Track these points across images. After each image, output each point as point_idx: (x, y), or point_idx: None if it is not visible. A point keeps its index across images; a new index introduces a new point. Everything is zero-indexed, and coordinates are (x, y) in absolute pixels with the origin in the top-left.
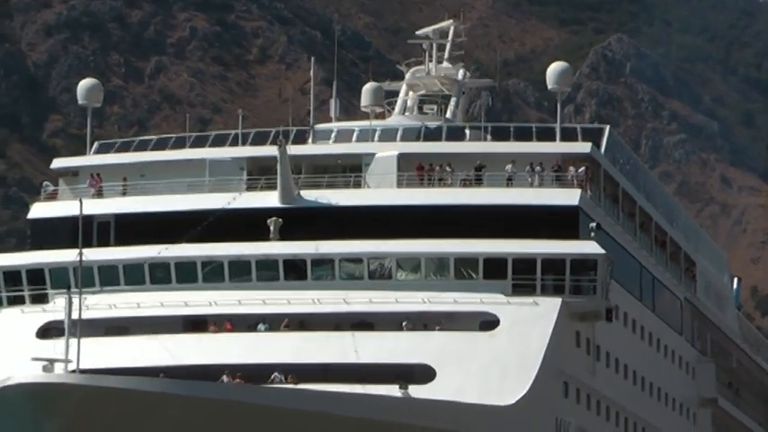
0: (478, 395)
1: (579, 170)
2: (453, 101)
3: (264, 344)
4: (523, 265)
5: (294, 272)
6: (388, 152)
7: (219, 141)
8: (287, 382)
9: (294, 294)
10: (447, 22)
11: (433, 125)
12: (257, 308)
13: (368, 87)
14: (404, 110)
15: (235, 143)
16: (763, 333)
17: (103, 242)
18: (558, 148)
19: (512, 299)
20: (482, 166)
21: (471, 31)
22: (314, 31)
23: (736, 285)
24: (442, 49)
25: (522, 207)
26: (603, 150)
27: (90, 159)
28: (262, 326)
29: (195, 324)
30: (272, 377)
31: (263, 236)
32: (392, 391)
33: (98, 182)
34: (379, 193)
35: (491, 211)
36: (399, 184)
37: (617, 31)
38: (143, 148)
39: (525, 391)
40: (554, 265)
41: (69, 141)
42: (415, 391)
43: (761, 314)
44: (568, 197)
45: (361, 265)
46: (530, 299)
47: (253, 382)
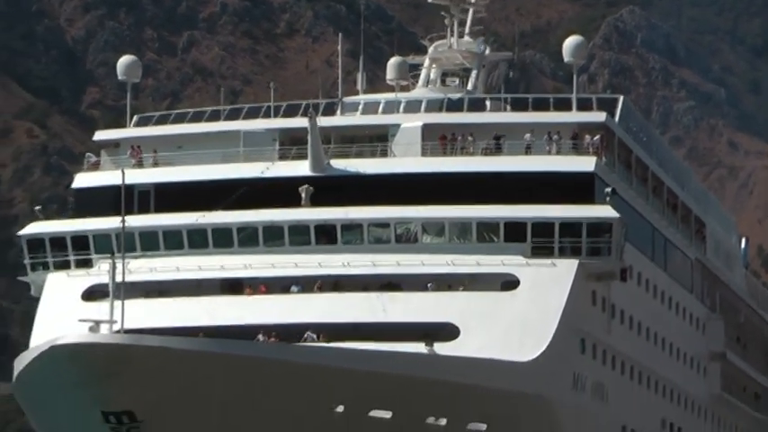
0: (500, 352)
1: (594, 138)
2: (474, 74)
3: (297, 305)
4: (542, 228)
5: (325, 236)
6: (412, 123)
7: (253, 114)
8: (319, 340)
9: (325, 258)
10: None
11: (455, 97)
12: (290, 271)
13: (393, 62)
14: (427, 82)
15: (267, 115)
16: None
17: (144, 210)
18: (575, 117)
19: (531, 260)
20: (500, 136)
21: (490, 6)
22: (339, 6)
23: (743, 245)
24: (462, 24)
25: (541, 174)
26: (617, 119)
27: (130, 132)
28: (294, 288)
29: (231, 286)
30: (304, 336)
31: (294, 203)
32: (418, 348)
33: (138, 153)
34: (405, 161)
35: (511, 177)
36: (423, 153)
37: (629, 3)
38: (180, 120)
39: (544, 348)
40: (571, 228)
41: (106, 112)
42: (440, 348)
43: (766, 271)
44: (584, 164)
45: (389, 229)
46: (548, 260)
47: (286, 341)
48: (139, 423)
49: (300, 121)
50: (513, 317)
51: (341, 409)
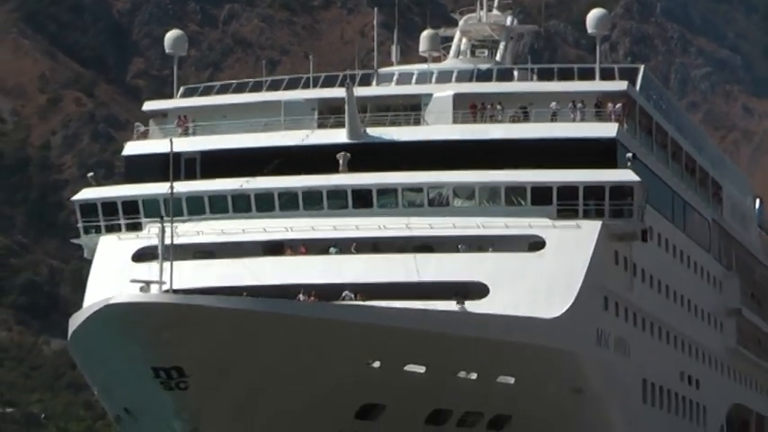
0: (527, 309)
1: (617, 106)
2: (502, 45)
3: (335, 265)
4: (567, 192)
5: (361, 201)
6: (444, 92)
7: (293, 85)
8: (356, 299)
9: (361, 221)
10: None
11: (484, 67)
12: (328, 233)
13: (425, 34)
14: (458, 54)
15: (306, 86)
16: None
17: (190, 176)
18: (598, 86)
19: (557, 222)
20: (526, 106)
21: None
22: None
23: (758, 206)
24: None
25: (566, 140)
26: (639, 88)
27: (177, 102)
28: (333, 249)
29: (273, 248)
30: (342, 295)
31: (332, 169)
32: (450, 306)
33: (184, 122)
34: (437, 129)
35: (537, 144)
36: (455, 121)
37: None
38: (224, 91)
39: (569, 305)
40: (595, 191)
41: (151, 82)
42: (471, 306)
43: None
44: (607, 130)
45: (422, 193)
46: (573, 222)
47: (325, 299)
48: (187, 378)
49: (338, 92)
50: (540, 276)
51: (377, 364)
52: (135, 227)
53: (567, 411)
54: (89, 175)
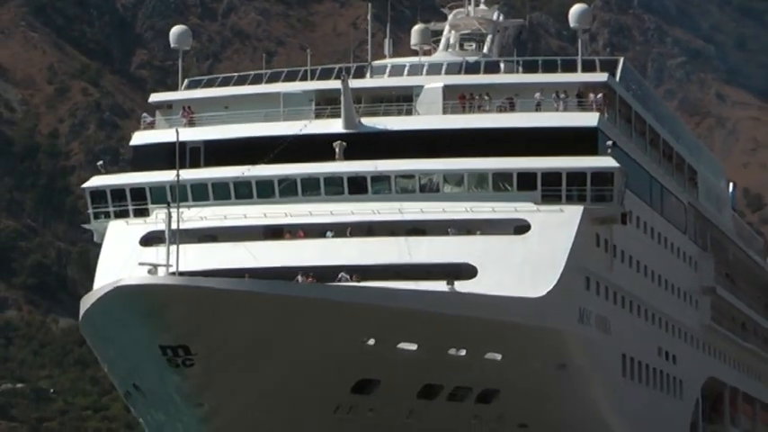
0: (514, 289)
1: (597, 96)
2: (489, 38)
3: (332, 248)
4: (551, 178)
5: (356, 187)
6: (434, 84)
7: (291, 77)
8: (352, 280)
9: (357, 206)
10: None
11: (472, 60)
12: (325, 218)
13: (416, 28)
14: (447, 47)
15: (304, 78)
16: (754, 228)
17: (195, 164)
18: (580, 78)
19: (541, 207)
20: (512, 96)
21: None
22: None
23: (731, 189)
24: None
25: (549, 129)
26: (618, 79)
27: (182, 94)
28: (329, 233)
29: (273, 232)
30: (338, 276)
31: (329, 157)
32: (441, 286)
33: (189, 113)
34: (428, 119)
35: (523, 132)
36: (445, 111)
37: None
38: (226, 84)
39: (553, 285)
40: (577, 177)
41: (154, 72)
42: (460, 286)
43: (752, 211)
44: (588, 119)
45: (414, 180)
46: (556, 206)
47: (322, 281)
48: (193, 356)
49: (334, 84)
50: (525, 257)
51: (372, 342)
52: (142, 212)
53: (552, 386)
54: (98, 163)
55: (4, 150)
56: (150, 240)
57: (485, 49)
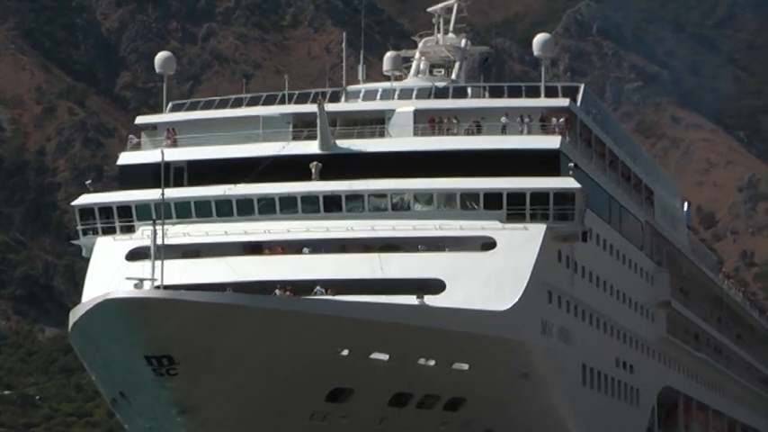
0: (480, 302)
1: (560, 120)
2: (457, 65)
3: (309, 264)
4: (516, 197)
5: (331, 205)
6: (406, 108)
7: (270, 101)
8: (327, 294)
9: (332, 224)
10: (451, 1)
11: (441, 85)
12: (302, 234)
13: (389, 56)
14: (417, 72)
15: (282, 102)
16: (707, 245)
17: (178, 183)
18: (543, 102)
19: (506, 225)
20: (479, 120)
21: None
22: (336, 0)
23: (686, 208)
24: (447, 22)
25: (514, 151)
26: (579, 104)
27: (166, 117)
28: (306, 249)
29: (253, 248)
30: (314, 290)
31: (306, 177)
32: (411, 300)
33: (173, 135)
34: (400, 141)
35: (489, 154)
36: (415, 134)
37: None
38: (208, 107)
39: (517, 299)
40: (540, 197)
41: (137, 93)
42: (430, 300)
43: (705, 228)
44: (551, 142)
45: (386, 199)
46: (521, 225)
47: (299, 294)
48: (177, 365)
49: (311, 107)
50: (491, 273)
51: (346, 352)
52: (129, 229)
53: (516, 394)
54: (87, 182)
55: None
56: (136, 255)
57: (453, 75)
